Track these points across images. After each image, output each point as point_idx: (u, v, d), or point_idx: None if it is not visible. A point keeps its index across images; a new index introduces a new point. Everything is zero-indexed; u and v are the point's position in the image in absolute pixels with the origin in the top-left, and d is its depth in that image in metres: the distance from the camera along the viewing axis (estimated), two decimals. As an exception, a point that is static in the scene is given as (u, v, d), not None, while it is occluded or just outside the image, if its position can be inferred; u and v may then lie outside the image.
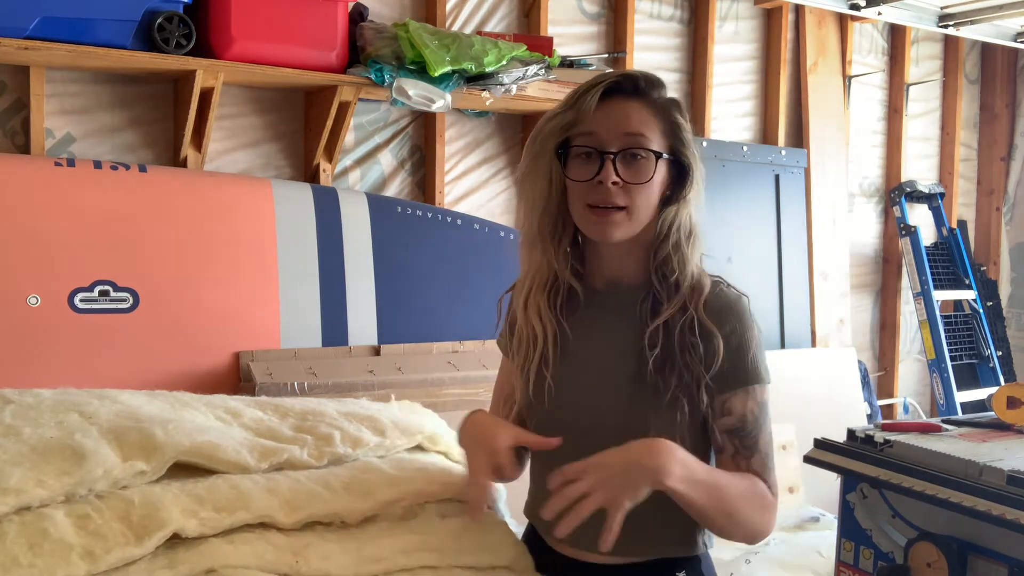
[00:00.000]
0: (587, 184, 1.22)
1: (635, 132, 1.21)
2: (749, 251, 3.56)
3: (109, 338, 2.26)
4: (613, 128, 1.22)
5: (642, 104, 1.24)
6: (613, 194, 1.21)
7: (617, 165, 1.21)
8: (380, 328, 2.63)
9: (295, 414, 1.49)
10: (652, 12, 3.43)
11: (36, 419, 1.27)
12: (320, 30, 2.46)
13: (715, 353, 1.22)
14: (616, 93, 1.24)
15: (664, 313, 1.24)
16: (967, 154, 4.53)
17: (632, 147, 1.21)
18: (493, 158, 3.11)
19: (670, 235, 1.26)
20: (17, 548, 1.03)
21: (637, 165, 1.21)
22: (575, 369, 1.28)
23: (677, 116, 1.26)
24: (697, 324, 1.23)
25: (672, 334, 1.23)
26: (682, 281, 1.26)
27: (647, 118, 1.23)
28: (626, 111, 1.23)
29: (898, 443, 1.60)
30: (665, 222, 1.26)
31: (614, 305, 1.30)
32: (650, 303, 1.26)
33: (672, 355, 1.22)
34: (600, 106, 1.22)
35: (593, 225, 1.23)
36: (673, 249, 1.26)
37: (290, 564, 1.14)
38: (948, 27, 3.87)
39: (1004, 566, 1.42)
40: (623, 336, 1.27)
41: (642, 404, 1.23)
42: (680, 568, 1.29)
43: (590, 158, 1.22)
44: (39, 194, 2.22)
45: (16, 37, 2.08)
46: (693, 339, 1.22)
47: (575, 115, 1.23)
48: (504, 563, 1.28)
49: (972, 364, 4.24)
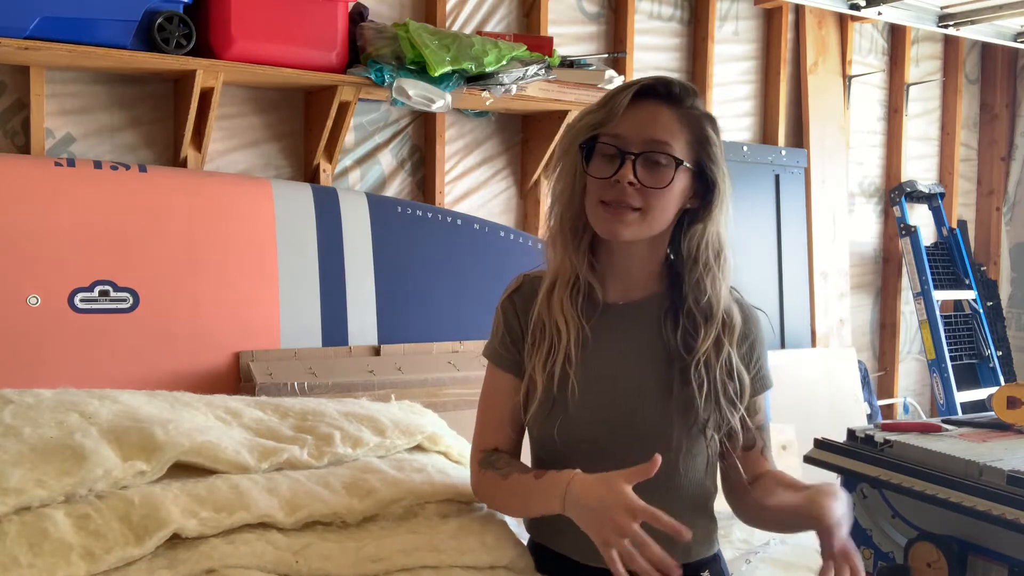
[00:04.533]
0: (604, 182, 1.21)
1: (659, 138, 1.20)
2: (749, 251, 3.56)
3: (109, 338, 2.26)
4: (638, 130, 1.21)
5: (672, 111, 1.23)
6: (628, 194, 1.20)
7: (637, 167, 1.20)
8: (380, 328, 2.63)
9: (295, 414, 1.49)
10: (652, 12, 3.43)
11: (36, 419, 1.27)
12: (320, 30, 2.46)
13: (744, 392, 1.26)
14: (649, 97, 1.23)
15: (700, 348, 1.25)
16: (967, 154, 4.53)
17: (654, 151, 1.20)
18: (493, 158, 3.10)
19: (699, 255, 1.25)
20: (17, 548, 1.03)
21: (656, 170, 1.20)
22: (598, 375, 1.27)
23: (708, 129, 1.24)
24: (733, 364, 1.26)
25: (708, 372, 1.25)
26: (715, 306, 1.26)
27: (674, 126, 1.22)
28: (654, 115, 1.22)
29: (898, 443, 1.61)
30: (693, 241, 1.25)
31: (632, 317, 1.29)
32: (680, 332, 1.26)
33: (709, 395, 1.25)
34: (630, 108, 1.21)
35: (604, 222, 1.22)
36: (704, 270, 1.25)
37: (290, 564, 1.14)
38: (948, 27, 3.87)
39: (1004, 566, 1.42)
40: (644, 347, 1.28)
41: (674, 417, 1.25)
42: (703, 568, 1.31)
43: (612, 157, 1.22)
44: (39, 194, 2.22)
45: (16, 37, 2.08)
46: (728, 379, 1.25)
47: (605, 114, 1.22)
48: (504, 563, 1.27)
49: (972, 364, 4.24)
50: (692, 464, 1.26)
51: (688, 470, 1.26)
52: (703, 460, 1.27)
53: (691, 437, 1.25)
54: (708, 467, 1.29)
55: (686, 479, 1.26)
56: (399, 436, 1.48)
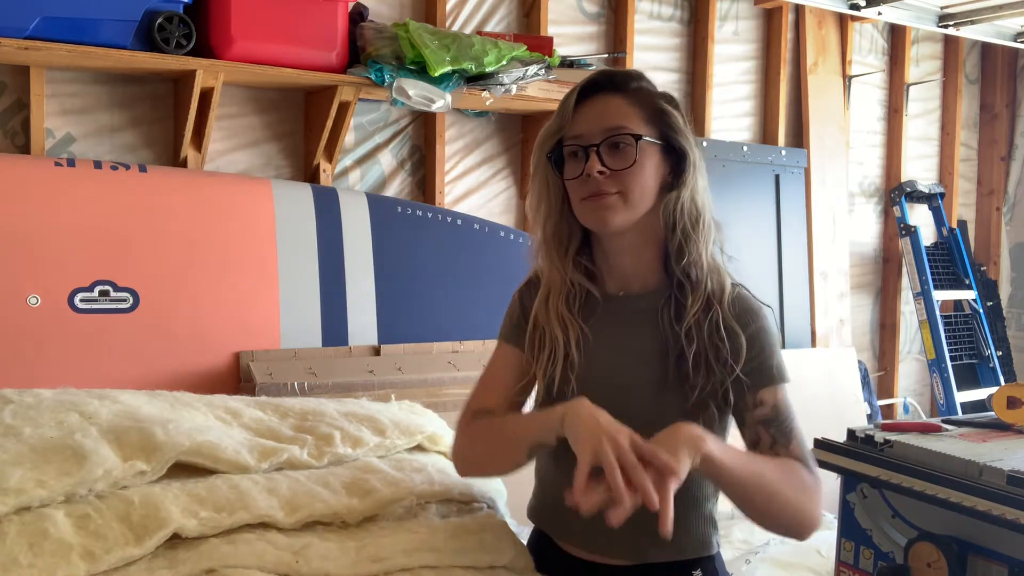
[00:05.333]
0: (579, 180, 1.25)
1: (612, 124, 1.24)
2: (749, 251, 3.55)
3: (109, 338, 2.26)
4: (594, 124, 1.25)
5: (621, 97, 1.26)
6: (602, 183, 1.23)
7: (601, 155, 1.23)
8: (380, 328, 2.63)
9: (295, 414, 1.49)
10: (652, 12, 3.43)
11: (36, 419, 1.27)
12: (320, 30, 2.46)
13: (739, 352, 1.24)
14: (595, 92, 1.27)
15: (689, 314, 1.25)
16: (967, 154, 4.53)
17: (612, 136, 1.23)
18: (493, 158, 3.11)
19: (677, 222, 1.27)
20: (17, 548, 1.03)
21: (620, 152, 1.24)
22: (597, 373, 1.28)
23: (662, 103, 1.27)
24: (722, 324, 1.25)
25: (698, 335, 1.24)
26: (699, 271, 1.27)
27: (627, 109, 1.25)
28: (603, 105, 1.26)
29: (898, 443, 1.60)
30: (668, 209, 1.27)
31: (631, 310, 1.30)
32: (672, 308, 1.27)
33: (699, 357, 1.24)
34: (581, 107, 1.26)
35: (590, 214, 1.25)
36: (683, 236, 1.27)
37: (290, 564, 1.14)
38: (948, 27, 3.87)
39: (1004, 566, 1.42)
40: (643, 342, 1.28)
41: (668, 408, 1.24)
42: (695, 567, 1.30)
43: (577, 156, 1.25)
44: (39, 194, 2.22)
45: (16, 37, 2.08)
46: (719, 340, 1.24)
47: (560, 120, 1.27)
48: (504, 563, 1.27)
49: (972, 364, 4.24)
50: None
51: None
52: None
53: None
54: None
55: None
56: (399, 436, 1.48)
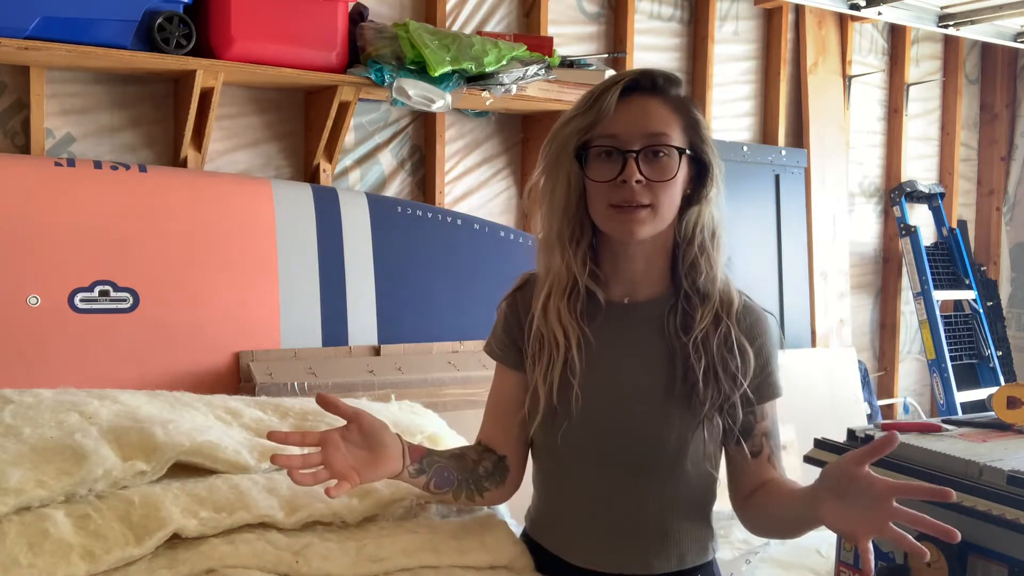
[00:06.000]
0: (609, 184, 1.19)
1: (656, 131, 1.19)
2: (749, 251, 3.56)
3: (109, 338, 2.26)
4: (634, 127, 1.19)
5: (661, 101, 1.21)
6: (637, 193, 1.18)
7: (640, 163, 1.18)
8: (380, 328, 2.63)
9: (295, 414, 1.49)
10: (652, 12, 3.43)
11: (36, 419, 1.27)
12: (320, 30, 2.46)
13: (748, 367, 1.24)
14: (634, 92, 1.21)
15: (698, 327, 1.23)
16: (967, 154, 4.53)
17: (654, 145, 1.19)
18: (493, 158, 3.10)
19: (695, 236, 1.25)
20: (17, 548, 1.03)
21: (660, 163, 1.19)
22: (601, 379, 1.26)
23: (696, 113, 1.24)
24: (732, 338, 1.24)
25: (706, 348, 1.23)
26: (711, 285, 1.25)
27: (667, 115, 1.20)
28: (646, 109, 1.20)
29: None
30: (689, 223, 1.24)
31: (636, 317, 1.28)
32: (679, 316, 1.25)
33: (708, 371, 1.22)
34: (618, 105, 1.20)
35: (618, 224, 1.20)
36: (699, 251, 1.25)
37: (290, 564, 1.14)
38: (948, 27, 3.87)
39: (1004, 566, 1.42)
40: (648, 349, 1.26)
41: (673, 417, 1.23)
42: (695, 574, 1.30)
43: (611, 158, 1.19)
44: (39, 194, 2.22)
45: (16, 37, 2.08)
46: (727, 353, 1.23)
47: (594, 116, 1.20)
48: (504, 563, 1.27)
49: (972, 364, 4.24)
50: (692, 467, 1.25)
51: (687, 473, 1.25)
52: (703, 464, 1.25)
53: (693, 438, 1.23)
54: (708, 472, 1.27)
55: (683, 482, 1.25)
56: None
